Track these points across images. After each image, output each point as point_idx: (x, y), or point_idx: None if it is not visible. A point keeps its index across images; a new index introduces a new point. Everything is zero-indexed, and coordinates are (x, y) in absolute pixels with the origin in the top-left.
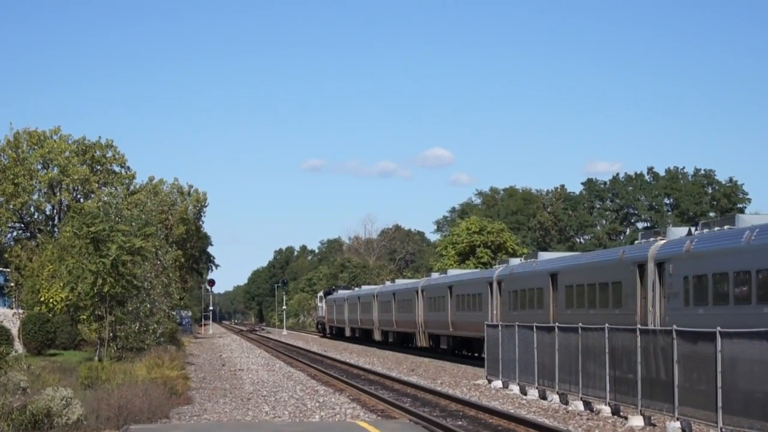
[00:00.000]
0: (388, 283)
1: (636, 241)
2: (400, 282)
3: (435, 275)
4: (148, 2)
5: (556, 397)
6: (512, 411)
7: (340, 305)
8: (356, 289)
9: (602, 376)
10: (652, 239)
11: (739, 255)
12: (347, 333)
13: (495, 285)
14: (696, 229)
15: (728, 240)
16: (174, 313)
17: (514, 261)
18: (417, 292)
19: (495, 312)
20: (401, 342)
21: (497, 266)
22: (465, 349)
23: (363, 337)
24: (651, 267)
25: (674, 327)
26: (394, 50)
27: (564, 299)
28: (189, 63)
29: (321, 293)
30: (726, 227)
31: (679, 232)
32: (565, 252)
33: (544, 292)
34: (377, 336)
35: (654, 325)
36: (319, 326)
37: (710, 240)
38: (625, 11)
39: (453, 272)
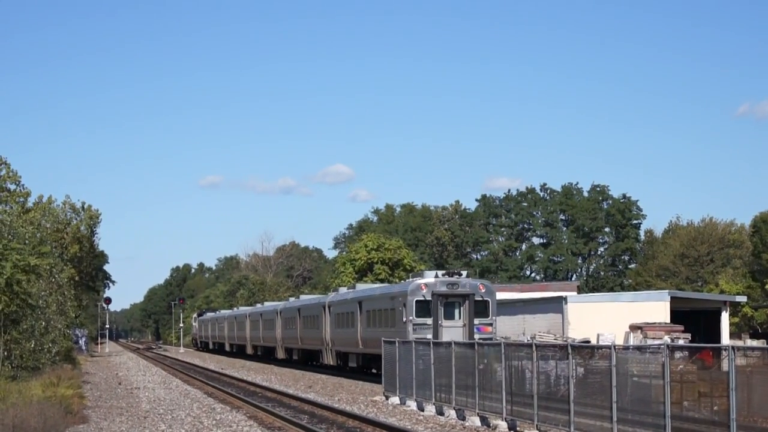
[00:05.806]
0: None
1: (328, 293)
2: (242, 308)
3: (243, 308)
4: (29, 10)
5: (453, 413)
6: (409, 427)
7: (206, 324)
8: (220, 311)
9: (498, 392)
10: (332, 293)
11: (346, 303)
12: (210, 346)
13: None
14: (347, 288)
15: (343, 296)
16: (69, 331)
17: (342, 288)
18: (246, 317)
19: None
20: (239, 350)
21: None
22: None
23: (219, 348)
24: (327, 308)
25: (569, 343)
26: (294, 67)
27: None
28: (81, 77)
29: (195, 314)
30: (351, 289)
31: (342, 289)
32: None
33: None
34: (227, 347)
35: (327, 340)
36: (194, 341)
37: (339, 295)
38: (518, 29)
39: (269, 304)
